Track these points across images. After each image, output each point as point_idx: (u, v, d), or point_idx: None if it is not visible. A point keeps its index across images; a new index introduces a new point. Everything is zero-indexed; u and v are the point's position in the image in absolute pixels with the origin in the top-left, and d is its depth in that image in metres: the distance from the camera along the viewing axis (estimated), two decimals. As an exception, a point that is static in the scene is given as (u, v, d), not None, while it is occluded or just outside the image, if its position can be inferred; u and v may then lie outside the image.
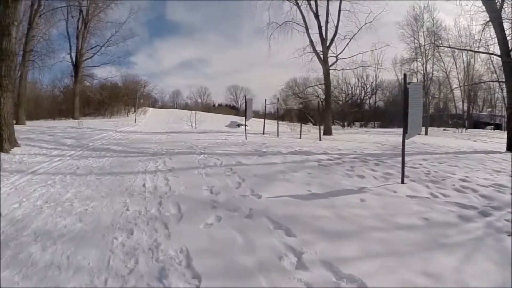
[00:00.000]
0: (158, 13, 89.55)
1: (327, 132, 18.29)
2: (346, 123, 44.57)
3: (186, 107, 59.70)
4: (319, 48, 19.96)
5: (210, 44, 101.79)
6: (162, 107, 56.87)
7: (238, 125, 30.06)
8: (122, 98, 39.05)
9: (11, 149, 7.19)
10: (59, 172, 5.74)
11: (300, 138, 13.18)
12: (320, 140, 12.37)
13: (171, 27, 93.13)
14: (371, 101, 51.07)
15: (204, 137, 12.25)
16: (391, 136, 16.83)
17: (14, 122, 21.92)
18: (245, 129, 13.56)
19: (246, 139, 10.92)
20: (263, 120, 16.35)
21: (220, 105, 70.55)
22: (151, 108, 45.06)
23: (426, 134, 21.29)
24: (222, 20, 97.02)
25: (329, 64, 19.99)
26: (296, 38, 21.33)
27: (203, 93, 68.29)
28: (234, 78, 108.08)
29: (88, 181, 5.07)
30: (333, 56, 20.27)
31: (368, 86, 49.36)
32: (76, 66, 32.38)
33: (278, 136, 13.96)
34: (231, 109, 65.16)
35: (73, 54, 32.46)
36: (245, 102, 12.40)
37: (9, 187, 4.68)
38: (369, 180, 5.03)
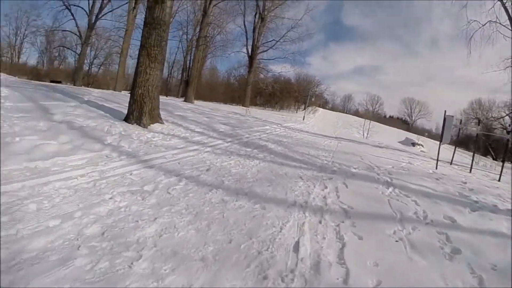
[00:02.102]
0: (334, 17, 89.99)
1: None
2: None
3: (356, 113, 58.44)
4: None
5: (385, 51, 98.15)
6: (332, 109, 56.42)
7: (413, 144, 28.56)
8: (294, 94, 40.09)
9: (150, 125, 6.32)
10: (177, 171, 3.87)
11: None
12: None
13: (346, 32, 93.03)
14: None
15: (382, 153, 9.67)
16: None
17: (183, 99, 23.23)
18: (432, 154, 9.29)
19: (436, 168, 7.66)
20: (438, 142, 11.48)
21: (391, 117, 66.21)
22: (321, 109, 44.65)
23: None
24: (398, 27, 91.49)
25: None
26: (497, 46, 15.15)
27: (375, 102, 63.01)
28: (407, 90, 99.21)
29: (203, 203, 2.97)
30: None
31: None
32: (251, 57, 34.13)
33: (462, 167, 9.20)
34: (403, 123, 59.72)
35: (249, 47, 34.35)
36: (444, 119, 8.39)
37: (68, 184, 2.89)
38: None
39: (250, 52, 34.81)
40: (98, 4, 24.41)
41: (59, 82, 22.69)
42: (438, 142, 9.16)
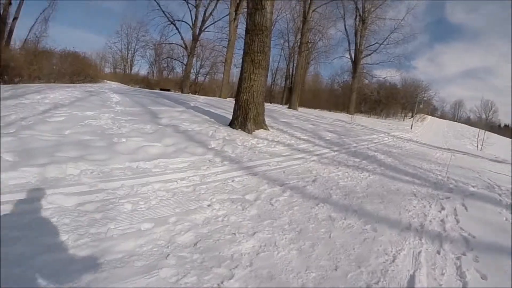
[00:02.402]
0: (438, 16, 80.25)
1: None
2: None
3: (467, 121, 52.25)
4: None
5: (497, 51, 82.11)
6: (441, 117, 51.00)
7: None
8: (400, 100, 36.34)
9: (255, 130, 6.13)
10: (281, 181, 3.48)
11: None
12: None
13: (452, 31, 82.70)
14: None
15: (501, 169, 7.94)
16: None
17: (287, 106, 23.46)
18: None
19: None
20: None
21: (506, 126, 59.12)
22: (429, 116, 39.25)
23: None
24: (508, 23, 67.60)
25: None
26: None
27: (488, 109, 50.57)
28: None
29: (308, 219, 2.57)
30: None
31: None
32: (355, 62, 32.29)
33: None
34: None
35: (352, 51, 32.56)
36: None
37: (167, 187, 2.75)
38: None
39: (353, 56, 32.84)
40: (201, 18, 26.85)
41: (168, 90, 25.24)
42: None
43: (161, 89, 23.86)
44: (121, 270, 1.56)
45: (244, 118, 6.13)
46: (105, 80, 25.50)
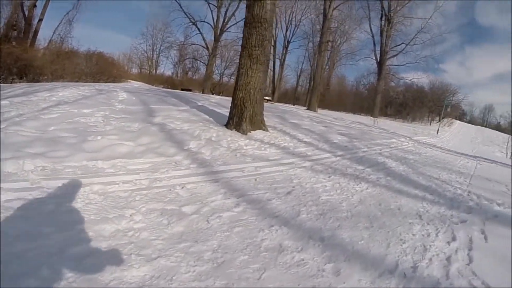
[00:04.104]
0: (468, 17, 73.99)
1: None
2: None
3: (497, 126, 50.61)
4: None
5: None
6: (470, 122, 48.57)
7: None
8: (427, 103, 34.54)
9: (251, 131, 5.79)
10: (243, 191, 2.98)
11: None
12: None
13: (483, 32, 75.62)
14: None
15: None
16: None
17: (306, 107, 21.90)
18: None
19: None
20: None
21: None
22: (457, 121, 37.03)
23: None
24: None
25: None
26: None
27: None
28: None
29: (245, 246, 2.00)
30: None
31: None
32: (380, 63, 30.84)
33: None
34: None
35: (377, 52, 31.13)
36: None
37: (105, 189, 2.51)
38: None
39: (378, 58, 31.55)
40: (222, 18, 27.02)
41: (190, 90, 25.15)
42: None
43: (182, 89, 23.93)
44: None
45: (239, 118, 5.92)
46: (129, 80, 26.50)
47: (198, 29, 27.57)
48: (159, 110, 6.05)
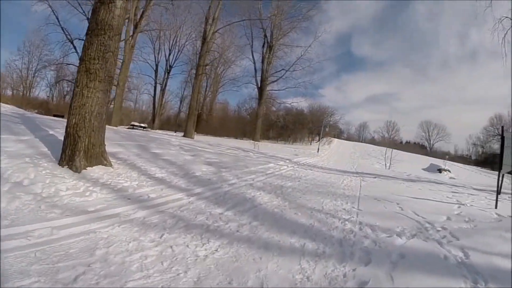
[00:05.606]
0: (345, 49, 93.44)
1: None
2: None
3: (372, 141, 59.60)
4: None
5: (398, 78, 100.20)
6: (347, 139, 56.53)
7: (440, 170, 27.24)
8: (307, 125, 39.23)
9: (87, 167, 4.57)
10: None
11: None
12: None
13: (357, 62, 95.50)
14: None
15: (419, 191, 7.49)
16: None
17: (183, 134, 21.77)
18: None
19: (496, 207, 5.62)
20: (463, 164, 11.02)
21: (407, 142, 66.74)
22: (336, 139, 43.70)
23: None
24: (409, 53, 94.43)
25: None
26: None
27: (391, 128, 62.70)
28: (423, 114, 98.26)
29: None
30: None
31: None
32: (261, 89, 33.68)
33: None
34: (420, 148, 61.00)
35: (258, 78, 34.26)
36: (502, 138, 6.00)
37: None
38: None
39: (259, 83, 34.29)
40: None
41: (62, 116, 22.01)
42: (463, 165, 7.23)
43: (54, 115, 21.53)
44: None
45: (72, 151, 4.53)
46: (-2, 103, 20.07)
47: (74, 47, 23.78)
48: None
